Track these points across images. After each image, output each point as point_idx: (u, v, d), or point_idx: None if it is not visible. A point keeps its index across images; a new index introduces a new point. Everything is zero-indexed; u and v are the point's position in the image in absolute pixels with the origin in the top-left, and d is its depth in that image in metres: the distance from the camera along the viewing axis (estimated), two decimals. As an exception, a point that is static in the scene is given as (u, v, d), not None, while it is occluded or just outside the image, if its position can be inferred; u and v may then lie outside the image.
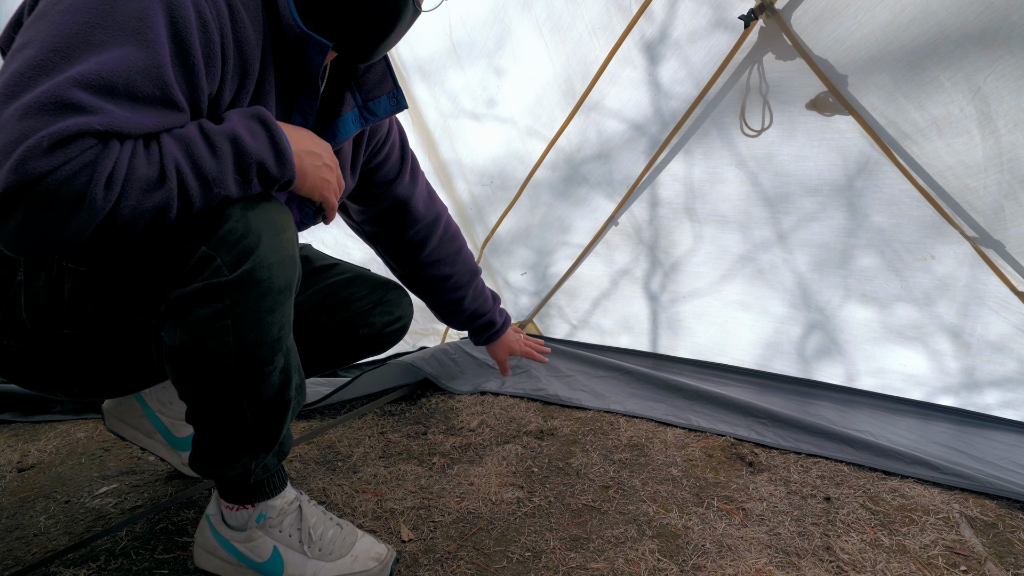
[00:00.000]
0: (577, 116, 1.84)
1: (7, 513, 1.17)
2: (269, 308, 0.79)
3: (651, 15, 1.61)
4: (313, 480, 1.29)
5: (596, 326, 2.15)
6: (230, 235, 0.76)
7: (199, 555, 0.99)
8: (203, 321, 0.77)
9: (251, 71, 0.81)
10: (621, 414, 1.66)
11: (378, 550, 0.98)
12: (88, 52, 0.63)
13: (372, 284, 1.27)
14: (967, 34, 1.28)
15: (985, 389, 1.58)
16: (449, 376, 1.86)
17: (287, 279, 0.81)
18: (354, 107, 1.01)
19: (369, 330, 1.25)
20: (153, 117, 0.67)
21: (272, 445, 0.91)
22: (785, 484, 1.30)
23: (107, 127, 0.62)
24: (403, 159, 1.26)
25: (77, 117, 0.61)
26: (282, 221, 0.81)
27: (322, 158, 0.86)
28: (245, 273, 0.76)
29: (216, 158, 0.71)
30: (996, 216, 1.41)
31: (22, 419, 1.61)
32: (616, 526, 1.14)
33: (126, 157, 0.64)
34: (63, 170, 0.60)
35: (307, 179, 0.85)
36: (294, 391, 0.88)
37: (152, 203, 0.67)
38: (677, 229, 1.88)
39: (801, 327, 1.78)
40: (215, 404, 0.84)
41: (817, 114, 1.54)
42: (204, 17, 0.71)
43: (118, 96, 0.64)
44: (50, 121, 0.60)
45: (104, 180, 0.62)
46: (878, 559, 1.05)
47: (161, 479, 1.30)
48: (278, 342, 0.83)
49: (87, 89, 0.62)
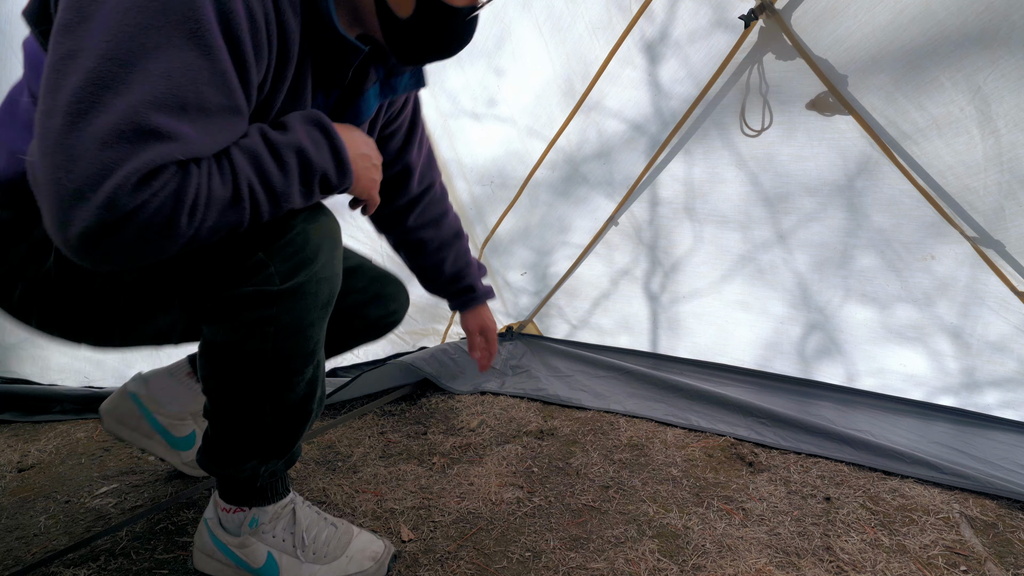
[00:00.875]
0: (577, 116, 1.84)
1: (7, 513, 1.17)
2: (311, 321, 0.81)
3: (651, 15, 1.61)
4: (313, 480, 1.29)
5: (596, 326, 2.15)
6: (288, 247, 0.77)
7: (198, 557, 0.99)
8: (248, 324, 0.79)
9: (291, 57, 0.80)
10: (621, 414, 1.66)
11: (374, 548, 0.97)
12: (146, 59, 0.61)
13: (371, 276, 1.26)
14: (967, 34, 1.28)
15: (985, 389, 1.58)
16: (449, 376, 1.86)
17: (331, 293, 0.83)
18: (376, 81, 0.97)
19: (362, 323, 1.24)
20: (224, 131, 0.68)
21: (285, 452, 0.92)
22: (785, 484, 1.30)
23: (187, 155, 0.63)
24: (413, 126, 1.23)
25: (160, 146, 0.61)
26: (338, 236, 0.84)
27: (371, 159, 0.87)
28: (297, 285, 0.78)
29: (284, 173, 0.72)
30: (996, 216, 1.41)
31: (22, 419, 1.61)
32: (616, 526, 1.14)
33: (205, 182, 0.65)
34: (151, 205, 0.60)
35: (360, 182, 0.86)
36: (316, 403, 0.90)
37: (227, 221, 0.68)
38: (677, 229, 1.88)
39: (801, 327, 1.78)
40: (239, 404, 0.86)
41: (817, 114, 1.54)
42: (251, 7, 0.69)
43: (191, 112, 0.63)
44: (133, 151, 0.59)
45: (188, 208, 0.63)
46: (878, 559, 1.05)
47: (161, 479, 1.30)
48: (312, 354, 0.84)
49: (162, 111, 0.61)
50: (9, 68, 1.43)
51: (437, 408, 1.72)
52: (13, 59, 1.42)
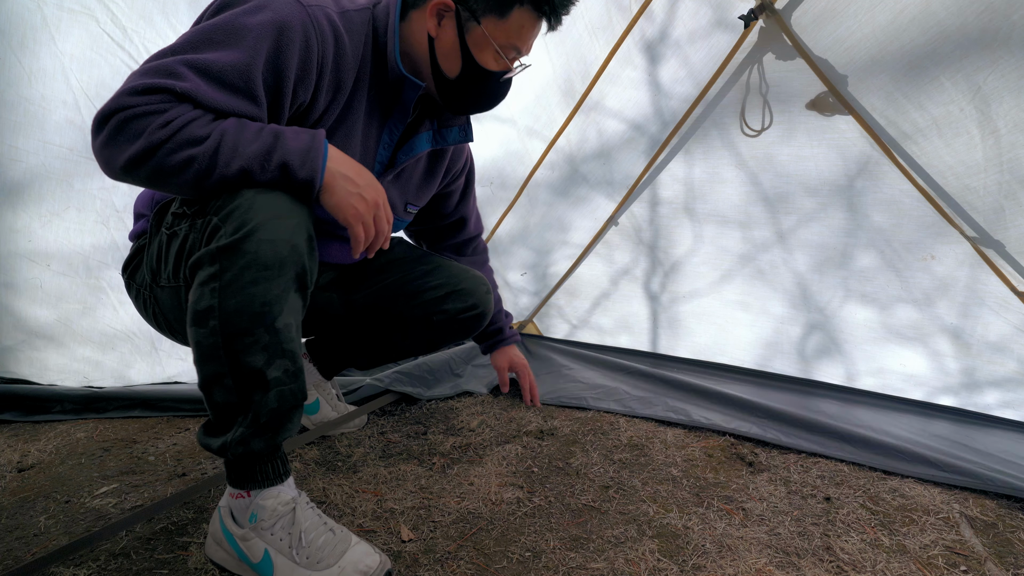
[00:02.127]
0: (577, 116, 1.84)
1: (7, 513, 1.17)
2: (252, 280, 0.84)
3: (651, 15, 1.61)
4: (313, 480, 1.29)
5: (596, 326, 2.15)
6: (236, 210, 0.85)
7: (209, 544, 1.01)
8: (201, 283, 0.86)
9: (344, 88, 1.03)
10: (621, 414, 1.66)
11: (367, 562, 0.94)
12: (207, 48, 0.88)
13: (448, 273, 1.41)
14: (967, 34, 1.28)
15: (985, 389, 1.58)
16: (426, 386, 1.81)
17: (277, 259, 0.85)
18: (430, 129, 1.21)
19: (442, 317, 1.39)
20: (231, 100, 0.87)
21: (244, 418, 0.90)
22: (785, 484, 1.30)
23: (185, 91, 0.83)
24: (468, 184, 1.50)
25: (170, 80, 0.83)
26: (288, 210, 0.87)
27: (359, 187, 0.91)
28: (234, 242, 0.84)
29: (254, 141, 0.85)
30: (996, 216, 1.41)
31: (22, 419, 1.61)
32: (616, 526, 1.14)
33: (188, 115, 0.83)
34: (140, 108, 0.82)
35: (334, 195, 0.90)
36: (279, 373, 0.89)
37: (187, 154, 0.83)
38: (677, 229, 1.88)
39: (801, 327, 1.79)
40: (203, 369, 0.89)
41: (817, 114, 1.54)
42: (309, 41, 0.94)
43: (209, 77, 0.86)
44: (153, 78, 0.83)
45: (163, 121, 0.81)
46: (878, 559, 1.05)
47: (161, 479, 1.30)
48: (260, 316, 0.85)
49: (188, 66, 0.85)
50: (7, 70, 1.43)
51: (437, 408, 1.72)
52: (13, 59, 1.42)
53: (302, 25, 0.93)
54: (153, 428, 1.58)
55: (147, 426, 1.59)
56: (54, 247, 1.61)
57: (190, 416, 1.64)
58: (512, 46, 1.08)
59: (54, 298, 1.65)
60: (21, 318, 1.66)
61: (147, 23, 1.47)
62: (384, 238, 0.96)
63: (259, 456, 0.95)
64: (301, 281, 0.89)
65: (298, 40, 0.92)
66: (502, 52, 1.07)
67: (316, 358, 1.50)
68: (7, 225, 1.57)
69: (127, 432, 1.55)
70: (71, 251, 1.62)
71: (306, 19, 0.94)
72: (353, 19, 1.04)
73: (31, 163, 1.51)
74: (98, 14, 1.43)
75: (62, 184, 1.55)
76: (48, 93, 1.46)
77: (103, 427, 1.58)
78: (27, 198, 1.55)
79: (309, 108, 1.00)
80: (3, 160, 1.50)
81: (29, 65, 1.43)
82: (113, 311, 1.70)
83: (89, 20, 1.43)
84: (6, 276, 1.62)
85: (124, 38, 1.46)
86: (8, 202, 1.55)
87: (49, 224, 1.58)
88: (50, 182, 1.54)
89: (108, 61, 1.46)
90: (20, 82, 1.44)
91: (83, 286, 1.66)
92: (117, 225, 1.62)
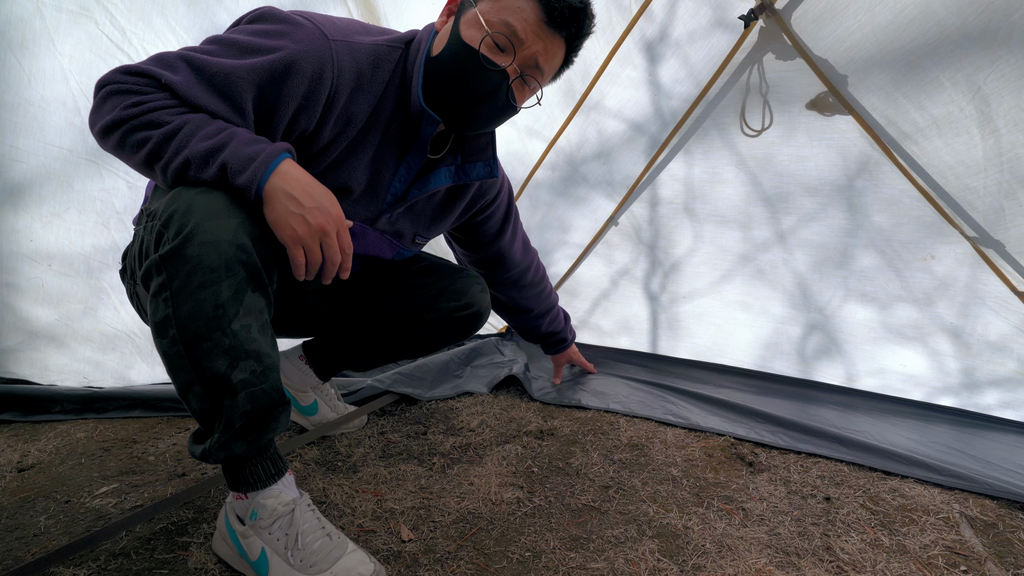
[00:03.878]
0: (577, 116, 1.84)
1: (7, 513, 1.17)
2: (200, 284, 0.84)
3: (651, 15, 1.61)
4: (313, 480, 1.29)
5: (596, 326, 2.15)
6: (175, 215, 0.85)
7: (216, 539, 1.02)
8: (154, 295, 0.86)
9: (355, 122, 1.05)
10: (621, 414, 1.66)
11: (360, 571, 0.94)
12: (217, 52, 0.92)
13: (442, 273, 1.41)
14: (967, 34, 1.28)
15: (985, 389, 1.57)
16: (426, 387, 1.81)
17: (223, 260, 0.84)
18: (452, 164, 1.21)
19: (436, 315, 1.38)
20: (212, 102, 0.90)
21: (219, 424, 0.90)
22: (785, 484, 1.30)
23: (169, 82, 0.88)
24: (506, 218, 1.50)
25: (161, 69, 0.89)
26: (226, 209, 0.86)
27: (303, 208, 0.88)
28: (176, 248, 0.84)
29: (210, 139, 0.86)
30: (996, 216, 1.41)
31: (22, 419, 1.61)
32: (616, 526, 1.14)
33: (161, 102, 0.87)
34: (125, 85, 0.88)
35: (272, 211, 0.88)
36: (245, 375, 0.88)
37: (144, 135, 0.86)
38: (677, 229, 1.88)
39: (801, 327, 1.78)
40: (173, 378, 0.89)
41: (817, 114, 1.54)
42: (323, 76, 0.97)
43: (201, 76, 0.90)
44: (151, 64, 0.90)
45: (136, 101, 0.86)
46: (878, 559, 1.05)
47: (161, 479, 1.30)
48: (215, 320, 0.85)
49: (186, 62, 0.90)
50: (7, 72, 1.43)
51: (437, 408, 1.72)
52: (12, 60, 1.42)
53: (319, 60, 0.95)
54: (153, 428, 1.58)
55: (147, 426, 1.59)
56: (55, 247, 1.61)
57: (190, 416, 1.64)
58: (503, 22, 1.00)
59: (55, 298, 1.66)
60: (23, 318, 1.67)
61: (146, 25, 1.47)
62: (334, 267, 0.93)
63: (244, 459, 0.94)
64: (256, 279, 0.88)
65: (310, 72, 0.95)
66: (488, 27, 1.00)
67: (312, 360, 1.49)
68: (9, 225, 1.57)
69: (127, 432, 1.55)
70: (72, 252, 1.63)
71: (325, 55, 0.96)
72: (384, 52, 1.05)
73: (31, 164, 1.51)
74: (97, 16, 1.43)
75: (62, 185, 1.55)
76: (48, 95, 1.46)
77: (103, 427, 1.58)
78: (28, 199, 1.55)
79: (313, 138, 1.02)
80: (4, 161, 1.50)
81: (29, 67, 1.43)
82: (114, 311, 1.70)
83: (88, 22, 1.43)
84: (8, 276, 1.62)
85: (123, 40, 1.46)
86: (9, 202, 1.55)
87: (50, 225, 1.59)
88: (51, 183, 1.55)
89: (107, 63, 1.46)
90: (20, 84, 1.45)
91: (84, 287, 1.66)
92: (118, 226, 1.62)
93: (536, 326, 1.76)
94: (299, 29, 0.96)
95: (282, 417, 0.94)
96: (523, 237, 1.62)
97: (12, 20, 1.40)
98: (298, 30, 0.96)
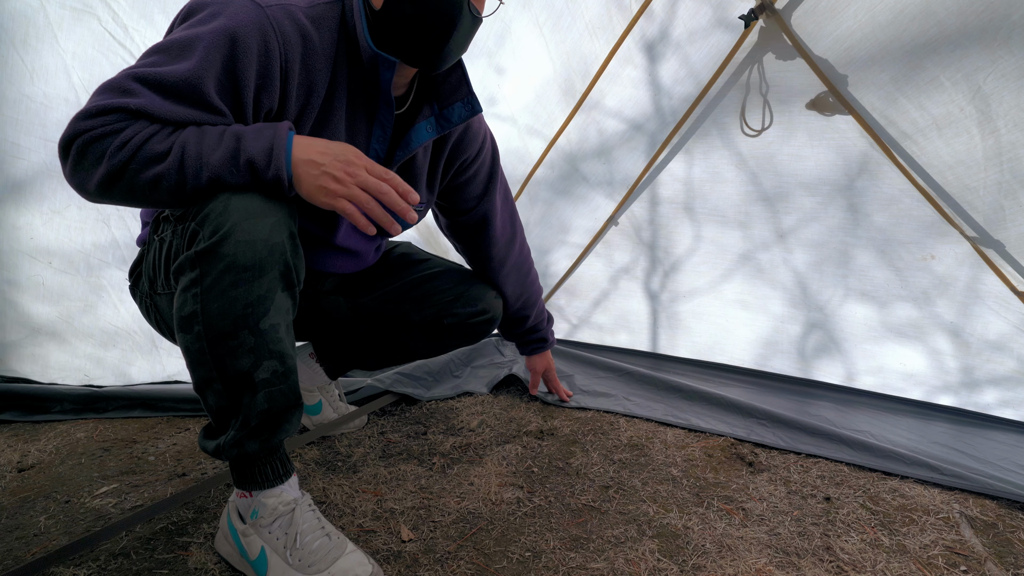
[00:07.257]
0: (577, 115, 1.84)
1: (7, 513, 1.17)
2: (232, 283, 0.84)
3: (651, 14, 1.61)
4: (313, 480, 1.29)
5: (596, 325, 2.15)
6: (211, 213, 0.85)
7: (218, 537, 1.02)
8: (183, 289, 0.86)
9: (317, 88, 0.98)
10: (621, 414, 1.66)
11: (358, 572, 0.93)
12: (160, 61, 0.86)
13: (457, 278, 1.41)
14: (967, 34, 1.28)
15: (984, 388, 1.58)
16: (425, 387, 1.81)
17: (256, 260, 0.85)
18: (430, 116, 1.12)
19: (453, 319, 1.38)
20: (187, 112, 0.85)
21: (236, 421, 0.90)
22: (785, 484, 1.30)
23: (139, 108, 0.82)
24: (491, 177, 1.39)
25: (122, 98, 0.82)
26: (263, 210, 0.86)
27: (322, 166, 0.87)
28: (212, 246, 0.84)
29: (217, 147, 0.84)
30: (996, 216, 1.41)
31: (22, 419, 1.61)
32: (616, 526, 1.14)
33: (144, 131, 0.82)
34: (96, 131, 0.81)
35: (302, 186, 0.89)
36: (267, 374, 0.88)
37: (153, 172, 0.82)
38: (677, 228, 1.88)
39: (800, 326, 1.79)
40: (195, 374, 0.90)
41: (817, 114, 1.54)
42: (268, 46, 0.90)
43: (162, 90, 0.84)
44: (105, 98, 0.82)
45: (120, 143, 0.81)
46: (878, 559, 1.05)
47: (161, 479, 1.30)
48: (243, 319, 0.85)
49: (139, 81, 0.84)
50: (9, 68, 1.43)
51: (437, 408, 1.72)
52: (15, 56, 1.42)
53: (259, 29, 0.89)
54: (153, 428, 1.58)
55: (147, 426, 1.59)
56: (55, 244, 1.61)
57: (190, 416, 1.64)
58: None
59: (56, 295, 1.66)
60: (24, 314, 1.67)
61: (148, 22, 1.47)
62: (386, 195, 0.89)
63: (255, 457, 0.95)
64: (287, 279, 0.89)
65: (255, 45, 0.88)
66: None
67: (323, 358, 1.49)
68: (10, 222, 1.57)
69: (127, 432, 1.55)
70: (72, 249, 1.63)
71: (263, 22, 0.89)
72: (322, 11, 0.98)
73: (33, 160, 1.51)
74: (100, 13, 1.43)
75: (63, 182, 1.54)
76: (50, 91, 1.47)
77: (103, 427, 1.58)
78: (29, 195, 1.55)
79: (279, 115, 0.96)
80: (5, 157, 1.51)
81: (31, 63, 1.44)
82: (114, 309, 1.70)
83: (91, 19, 1.44)
84: (9, 273, 1.62)
85: (125, 36, 1.46)
86: (11, 199, 1.55)
87: (50, 222, 1.59)
88: (51, 180, 1.55)
89: (109, 59, 1.47)
90: (22, 79, 1.45)
91: (84, 284, 1.66)
92: (118, 224, 1.62)
93: (524, 316, 1.59)
94: (229, 5, 0.90)
95: (294, 418, 0.95)
96: (511, 209, 1.50)
97: (15, 16, 1.40)
98: (228, 6, 0.90)
